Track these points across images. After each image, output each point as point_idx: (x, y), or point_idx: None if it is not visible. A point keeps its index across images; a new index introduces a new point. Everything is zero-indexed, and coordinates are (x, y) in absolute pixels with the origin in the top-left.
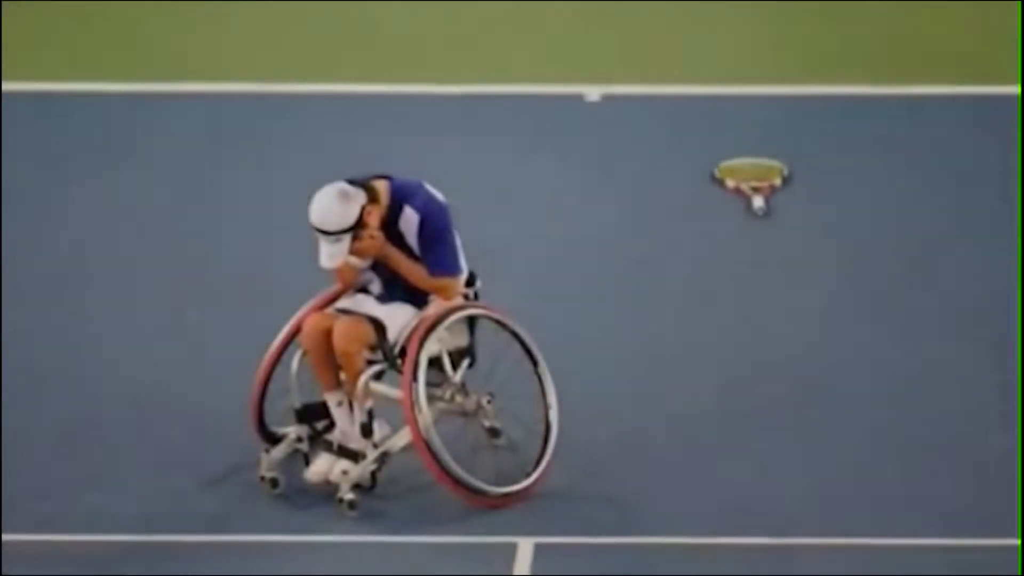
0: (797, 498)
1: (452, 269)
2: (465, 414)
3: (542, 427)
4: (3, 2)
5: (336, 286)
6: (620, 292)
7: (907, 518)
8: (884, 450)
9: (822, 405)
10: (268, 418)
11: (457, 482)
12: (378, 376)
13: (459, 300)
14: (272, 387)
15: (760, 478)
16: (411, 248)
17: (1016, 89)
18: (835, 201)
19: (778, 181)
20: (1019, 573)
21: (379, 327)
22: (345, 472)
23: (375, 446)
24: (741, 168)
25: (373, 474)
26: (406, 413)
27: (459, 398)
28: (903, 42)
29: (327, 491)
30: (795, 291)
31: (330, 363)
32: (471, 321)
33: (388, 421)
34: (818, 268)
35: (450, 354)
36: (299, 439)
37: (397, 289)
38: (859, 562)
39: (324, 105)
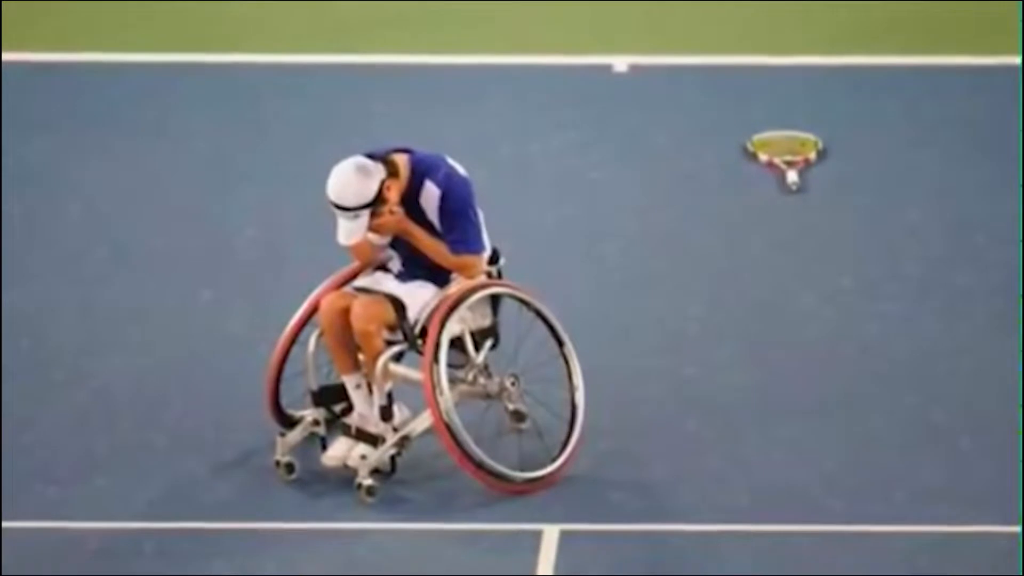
0: (830, 483)
1: (475, 246)
2: (488, 397)
3: (568, 410)
4: None
5: (354, 264)
6: (649, 270)
7: (944, 503)
8: (921, 433)
9: (856, 386)
10: (284, 400)
11: (480, 467)
12: (398, 357)
13: (482, 278)
14: (288, 369)
15: (792, 463)
16: (432, 224)
17: None
18: (871, 176)
19: (813, 155)
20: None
21: (399, 306)
22: (363, 457)
23: (395, 430)
24: (775, 141)
25: (392, 459)
26: (427, 396)
27: (482, 380)
28: (943, 12)
29: (345, 476)
30: (830, 268)
31: (348, 344)
32: (494, 300)
33: (408, 404)
34: (853, 245)
35: (472, 334)
36: (316, 422)
37: (417, 267)
38: (893, 549)
39: (344, 77)
